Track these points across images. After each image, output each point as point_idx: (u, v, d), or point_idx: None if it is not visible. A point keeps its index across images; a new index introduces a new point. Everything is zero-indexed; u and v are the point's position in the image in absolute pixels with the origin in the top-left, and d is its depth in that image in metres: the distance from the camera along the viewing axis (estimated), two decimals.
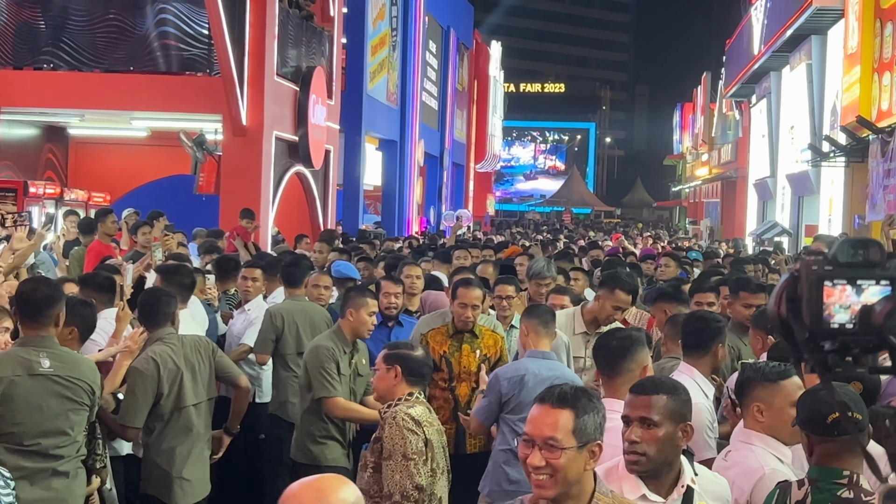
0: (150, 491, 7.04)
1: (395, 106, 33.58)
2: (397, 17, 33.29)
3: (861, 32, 25.98)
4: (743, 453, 5.01)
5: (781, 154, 37.28)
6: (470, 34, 51.59)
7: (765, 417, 4.90)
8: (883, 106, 23.83)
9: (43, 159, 23.40)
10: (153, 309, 7.17)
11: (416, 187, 36.87)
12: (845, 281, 1.52)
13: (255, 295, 9.97)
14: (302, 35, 22.96)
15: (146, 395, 6.81)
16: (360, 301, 7.92)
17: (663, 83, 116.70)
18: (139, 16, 19.98)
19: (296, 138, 22.13)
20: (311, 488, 3.33)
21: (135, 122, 22.40)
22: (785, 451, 4.94)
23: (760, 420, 4.93)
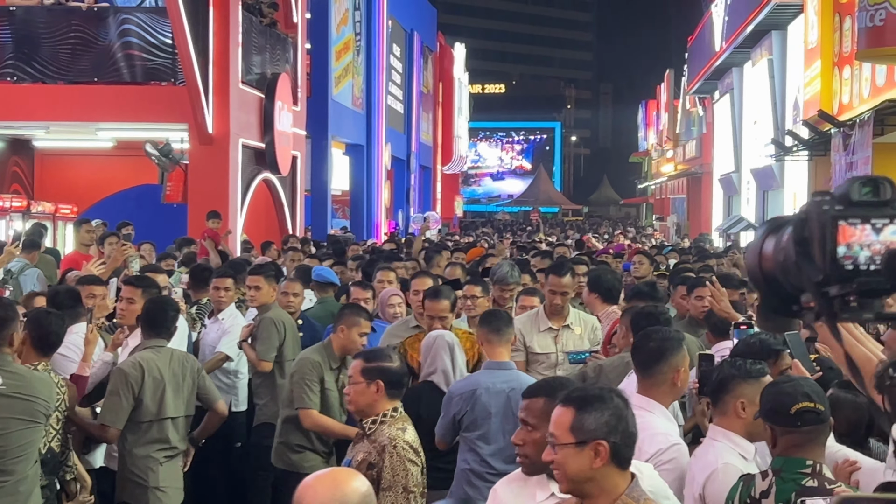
0: (126, 499, 7.09)
1: (360, 110, 33.63)
2: (360, 22, 33.34)
3: (820, 27, 26.15)
4: (704, 448, 5.10)
5: (745, 149, 37.44)
6: (433, 37, 51.65)
7: (747, 413, 4.90)
8: (844, 100, 24.01)
9: (8, 172, 23.29)
10: (158, 318, 7.25)
11: (384, 191, 36.91)
12: (860, 220, 1.49)
13: (227, 304, 9.91)
14: (266, 42, 23.00)
15: (128, 397, 6.86)
16: (353, 320, 7.90)
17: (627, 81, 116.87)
18: (102, 27, 19.96)
19: (262, 145, 22.18)
20: (326, 479, 3.43)
21: (100, 132, 22.34)
22: (748, 447, 4.99)
23: (742, 415, 4.93)
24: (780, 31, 32.06)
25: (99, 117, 20.47)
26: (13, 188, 22.92)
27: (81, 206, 22.50)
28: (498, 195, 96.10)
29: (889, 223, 1.43)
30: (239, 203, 20.71)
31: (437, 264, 13.57)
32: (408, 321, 9.01)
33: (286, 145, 23.38)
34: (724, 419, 5.06)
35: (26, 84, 19.66)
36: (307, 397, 7.66)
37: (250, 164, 21.69)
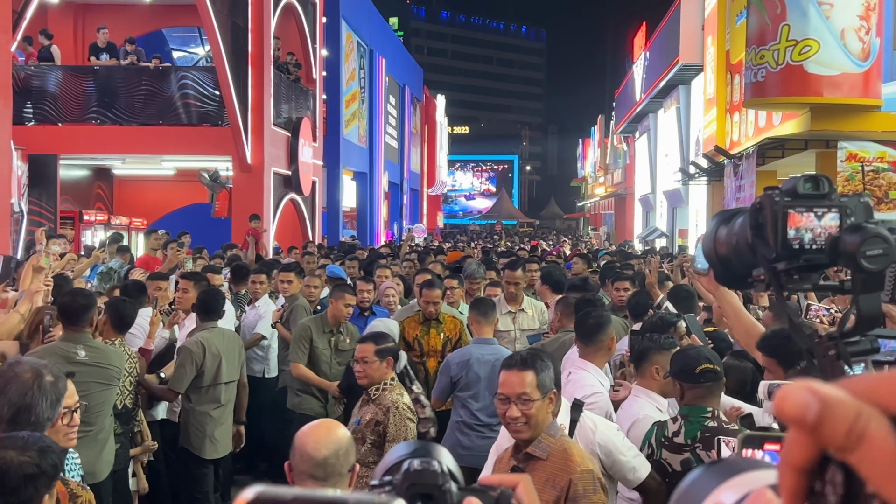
0: (186, 445, 7.11)
1: (364, 146, 33.60)
2: (365, 78, 33.33)
3: (716, 82, 26.25)
4: (629, 403, 5.20)
5: (659, 176, 37.52)
6: (421, 90, 51.64)
7: (660, 376, 5.04)
8: (734, 137, 24.09)
9: (93, 193, 23.28)
10: (210, 305, 7.32)
11: (383, 208, 36.90)
12: (805, 209, 1.50)
13: (262, 294, 10.02)
14: (291, 93, 22.98)
15: (191, 369, 6.97)
16: (339, 295, 8.23)
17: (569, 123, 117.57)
18: (166, 81, 19.98)
19: (289, 173, 22.17)
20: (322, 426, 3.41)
21: (164, 163, 22.37)
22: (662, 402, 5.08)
23: (657, 378, 5.07)
24: (685, 85, 32.14)
25: (163, 151, 20.46)
26: (97, 206, 22.94)
27: (150, 219, 22.47)
28: (470, 211, 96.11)
29: (828, 211, 1.44)
30: (271, 217, 20.67)
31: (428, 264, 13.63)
32: (412, 306, 9.07)
33: (307, 172, 23.37)
34: (644, 381, 5.18)
35: (107, 126, 19.68)
36: (297, 354, 7.96)
37: (280, 187, 21.67)
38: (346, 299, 8.17)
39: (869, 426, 0.48)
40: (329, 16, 27.27)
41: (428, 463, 1.12)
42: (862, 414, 0.49)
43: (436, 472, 1.11)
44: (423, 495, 1.09)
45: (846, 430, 0.49)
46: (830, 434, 0.49)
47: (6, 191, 11.96)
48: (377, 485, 1.13)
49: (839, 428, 0.49)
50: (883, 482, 0.48)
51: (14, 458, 2.96)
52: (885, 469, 0.47)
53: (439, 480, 1.10)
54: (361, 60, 32.81)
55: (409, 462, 1.13)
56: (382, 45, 36.73)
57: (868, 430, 0.48)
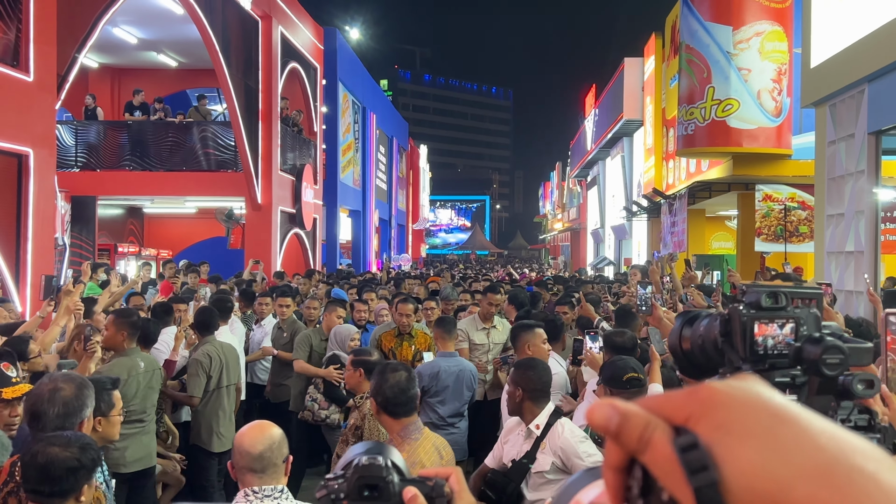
0: (197, 441, 7.06)
1: (358, 188, 33.58)
2: (359, 131, 33.36)
3: (654, 134, 26.46)
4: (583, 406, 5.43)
5: (607, 213, 37.73)
6: (406, 140, 51.69)
7: (531, 351, 5.73)
8: (669, 181, 24.26)
9: (127, 229, 23.17)
10: (206, 322, 7.25)
11: (374, 240, 36.79)
12: (768, 320, 1.52)
13: (267, 314, 9.92)
14: (296, 143, 22.98)
15: (203, 376, 6.97)
16: (332, 308, 8.59)
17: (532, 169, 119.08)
18: (189, 134, 19.96)
19: (294, 211, 22.11)
20: (255, 427, 3.35)
21: (187, 203, 22.29)
22: None
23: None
24: (628, 137, 32.38)
25: (186, 193, 20.40)
26: (130, 239, 22.83)
27: (174, 251, 22.37)
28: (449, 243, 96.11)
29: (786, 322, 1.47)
30: (278, 248, 20.62)
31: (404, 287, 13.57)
32: (390, 323, 8.98)
33: (309, 211, 23.32)
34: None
35: (138, 171, 19.62)
36: (299, 354, 8.18)
37: (286, 223, 21.61)
38: (337, 311, 8.49)
39: (654, 434, 0.54)
40: (328, 78, 27.33)
41: (374, 458, 1.16)
42: (650, 424, 0.55)
43: (381, 465, 1.14)
44: (370, 486, 1.13)
45: (637, 436, 0.55)
46: (627, 440, 0.55)
47: (51, 226, 11.87)
48: (331, 478, 1.17)
49: (633, 435, 0.55)
50: (663, 477, 0.54)
51: (58, 454, 3.05)
52: (664, 467, 0.53)
53: (384, 473, 1.14)
54: (356, 116, 32.85)
55: (358, 458, 1.16)
56: (374, 103, 36.81)
57: (654, 437, 0.54)
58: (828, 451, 0.50)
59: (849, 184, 10.84)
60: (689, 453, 0.52)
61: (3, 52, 10.68)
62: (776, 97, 15.97)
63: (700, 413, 0.54)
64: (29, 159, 10.95)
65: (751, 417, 0.53)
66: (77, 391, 3.78)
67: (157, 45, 21.24)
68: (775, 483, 0.49)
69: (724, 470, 0.51)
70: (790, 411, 0.53)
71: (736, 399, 0.54)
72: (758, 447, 0.51)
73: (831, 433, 0.52)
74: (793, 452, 0.50)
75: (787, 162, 16.42)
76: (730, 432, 0.52)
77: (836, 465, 0.49)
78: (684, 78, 17.16)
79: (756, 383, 0.56)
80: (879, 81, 10.07)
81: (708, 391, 0.55)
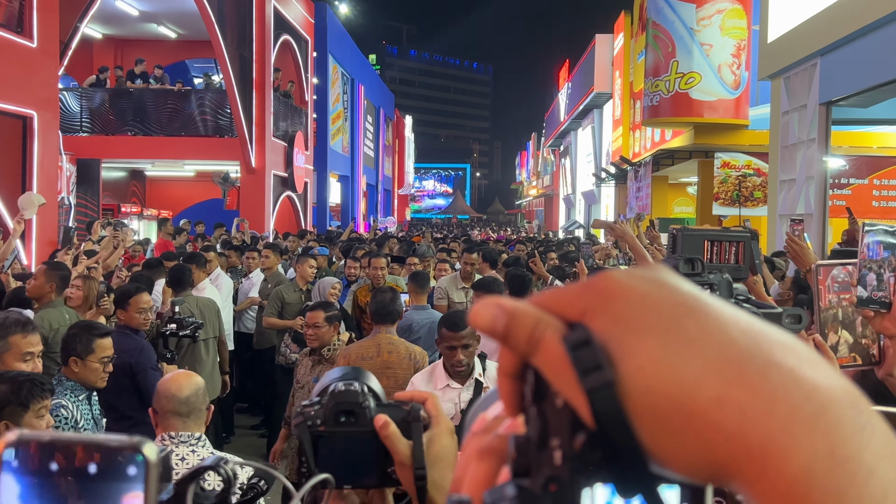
0: None
1: (347, 154, 33.34)
2: (348, 101, 33.05)
3: (622, 107, 26.35)
4: None
5: (578, 180, 37.72)
6: (392, 111, 51.32)
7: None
8: (635, 150, 24.20)
9: (129, 190, 22.92)
10: (179, 278, 6.90)
11: (362, 204, 36.61)
12: None
13: (254, 268, 9.64)
14: (288, 111, 22.74)
15: None
16: (304, 259, 8.49)
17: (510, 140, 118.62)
18: (187, 101, 19.72)
19: (286, 175, 21.94)
20: (180, 374, 3.26)
21: (186, 166, 22.04)
22: None
23: None
24: (598, 109, 32.27)
25: (185, 157, 20.15)
26: (132, 200, 22.58)
27: (175, 211, 22.14)
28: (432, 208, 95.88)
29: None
30: (271, 210, 20.47)
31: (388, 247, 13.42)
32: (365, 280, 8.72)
33: (301, 175, 23.13)
34: None
35: (140, 136, 19.36)
36: (269, 311, 8.03)
37: (278, 186, 21.44)
38: (309, 262, 8.35)
39: (546, 333, 0.42)
40: (318, 51, 26.99)
41: (350, 384, 1.09)
42: (540, 322, 0.43)
43: (356, 391, 1.08)
44: (346, 411, 1.08)
45: (527, 336, 0.43)
46: (515, 342, 0.43)
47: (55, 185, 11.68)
48: (308, 404, 1.10)
49: (522, 335, 0.43)
50: (554, 380, 0.42)
51: None
52: (555, 369, 0.42)
53: (359, 399, 1.08)
54: (345, 87, 32.51)
55: (335, 384, 1.10)
56: (362, 75, 36.45)
57: (545, 336, 0.42)
58: (740, 344, 0.40)
59: (800, 151, 10.80)
60: (581, 351, 0.41)
61: (8, 19, 10.43)
62: (735, 71, 15.89)
63: (596, 307, 0.42)
64: (33, 121, 10.74)
65: (653, 309, 0.42)
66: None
67: (157, 17, 20.86)
68: (679, 382, 0.40)
69: (621, 369, 0.41)
70: (698, 300, 0.42)
71: (637, 289, 0.42)
72: (660, 342, 0.41)
73: (746, 325, 0.41)
74: (700, 347, 0.40)
75: (745, 132, 16.38)
76: (629, 326, 0.41)
77: (749, 360, 0.40)
78: (650, 52, 17.03)
79: (663, 270, 0.44)
80: (831, 55, 10.00)
81: (605, 281, 0.43)
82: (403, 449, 1.07)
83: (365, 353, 5.05)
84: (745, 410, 0.38)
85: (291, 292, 8.14)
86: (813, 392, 0.39)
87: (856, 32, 9.18)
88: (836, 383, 0.40)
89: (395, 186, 53.46)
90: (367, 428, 1.07)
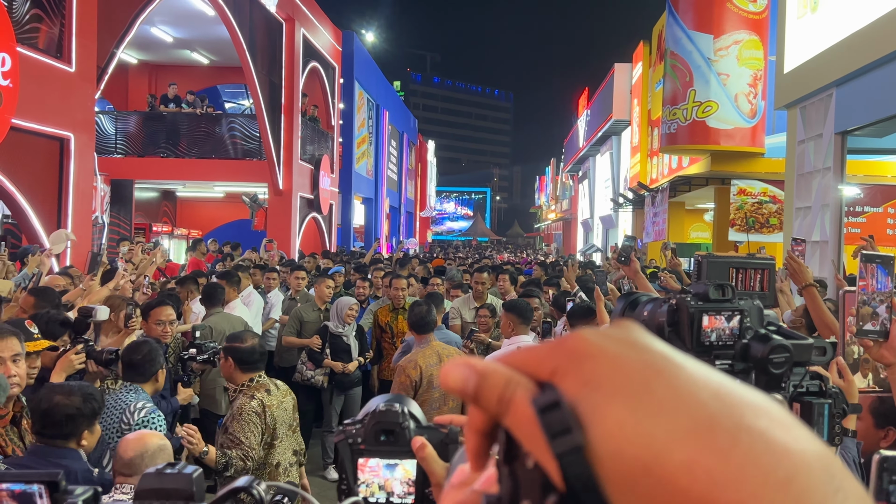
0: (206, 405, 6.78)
1: (371, 178, 33.50)
2: (372, 126, 33.24)
3: (640, 133, 26.31)
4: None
5: (596, 205, 37.62)
6: (415, 136, 51.55)
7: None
8: (653, 176, 24.12)
9: (161, 210, 23.11)
10: (211, 295, 7.06)
11: (385, 225, 36.72)
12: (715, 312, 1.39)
13: (273, 287, 9.63)
14: (315, 136, 22.89)
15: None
16: (321, 280, 8.43)
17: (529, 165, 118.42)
18: (218, 125, 19.88)
19: (312, 197, 22.05)
20: (134, 435, 3.19)
21: (216, 187, 22.23)
22: None
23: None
24: (617, 136, 32.23)
25: (215, 178, 20.30)
26: (163, 219, 22.75)
27: (204, 231, 22.30)
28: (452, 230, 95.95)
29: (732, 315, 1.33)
30: (297, 230, 20.56)
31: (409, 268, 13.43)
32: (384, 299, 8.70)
33: (326, 197, 23.25)
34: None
35: (172, 158, 19.53)
36: (288, 330, 8.06)
37: (305, 207, 21.55)
38: (326, 282, 8.34)
39: (516, 393, 0.41)
40: (345, 77, 27.21)
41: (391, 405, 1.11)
42: (511, 382, 0.42)
43: (397, 412, 1.10)
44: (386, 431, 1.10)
45: (497, 397, 0.42)
46: (486, 402, 0.42)
47: (90, 204, 11.81)
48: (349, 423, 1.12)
49: (492, 396, 0.42)
50: (524, 441, 0.41)
51: (60, 401, 3.06)
52: (525, 430, 0.40)
53: (399, 419, 1.10)
54: (370, 112, 32.71)
55: (376, 405, 1.11)
56: (386, 101, 36.67)
57: (514, 396, 0.41)
58: (710, 407, 0.38)
59: (816, 179, 10.72)
60: (550, 414, 0.40)
61: (48, 45, 10.59)
62: (752, 100, 15.83)
63: (566, 367, 0.41)
64: (70, 143, 10.87)
65: (623, 370, 0.40)
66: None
67: (190, 44, 21.12)
68: (648, 446, 0.38)
69: (591, 432, 0.39)
70: (669, 361, 0.41)
71: (606, 349, 0.41)
72: (629, 405, 0.39)
73: (717, 386, 0.40)
74: (670, 410, 0.38)
75: (760, 159, 16.29)
76: (598, 388, 0.40)
77: (719, 424, 0.38)
78: (668, 81, 17.01)
79: (634, 329, 0.43)
80: (847, 86, 9.94)
81: (575, 341, 0.42)
82: (440, 471, 1.07)
83: (429, 360, 5.25)
84: (714, 476, 0.37)
85: (310, 311, 8.15)
86: (784, 456, 0.37)
87: (871, 64, 9.14)
88: (809, 447, 0.38)
89: (416, 209, 53.59)
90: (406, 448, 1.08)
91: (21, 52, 9.41)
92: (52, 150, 10.72)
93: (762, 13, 15.95)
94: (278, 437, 4.47)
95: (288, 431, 4.56)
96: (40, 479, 0.84)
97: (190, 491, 0.94)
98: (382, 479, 1.10)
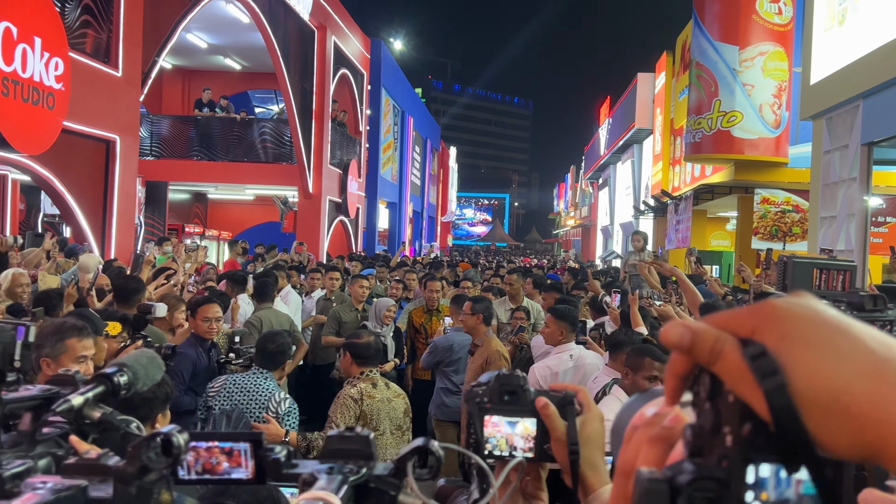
0: None
1: (396, 183, 33.65)
2: (398, 132, 33.41)
3: (663, 142, 26.28)
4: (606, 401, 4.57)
5: (617, 212, 37.53)
6: (438, 142, 51.67)
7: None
8: (675, 184, 24.10)
9: (193, 212, 23.37)
10: (262, 291, 7.27)
11: (408, 229, 36.87)
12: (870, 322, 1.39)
13: (317, 287, 9.93)
14: (343, 141, 23.07)
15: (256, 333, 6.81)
16: (356, 281, 8.59)
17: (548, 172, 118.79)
18: (249, 129, 20.08)
19: (340, 200, 22.22)
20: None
21: (247, 190, 22.43)
22: None
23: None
24: (638, 144, 32.15)
25: (246, 181, 20.51)
26: (195, 221, 23.01)
27: (234, 232, 22.56)
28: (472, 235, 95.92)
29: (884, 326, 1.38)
30: (325, 233, 20.73)
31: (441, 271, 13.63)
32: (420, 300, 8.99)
33: (353, 201, 23.44)
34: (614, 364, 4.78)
35: (204, 161, 19.75)
36: (327, 330, 8.26)
37: (333, 211, 21.73)
38: (360, 283, 8.52)
39: (725, 346, 0.55)
40: (373, 84, 27.40)
41: (514, 370, 1.21)
42: (719, 338, 0.56)
43: (518, 376, 1.20)
44: (509, 391, 1.19)
45: (709, 350, 0.56)
46: (699, 353, 0.56)
47: (133, 205, 12.04)
48: (475, 384, 1.22)
49: (704, 349, 0.56)
50: (733, 383, 0.54)
51: None
52: (734, 374, 0.54)
53: (521, 382, 1.20)
54: (396, 119, 32.89)
55: (500, 370, 1.22)
56: (411, 108, 36.83)
57: (724, 349, 0.55)
58: (879, 353, 0.52)
59: (841, 190, 10.76)
60: (759, 361, 0.53)
61: (97, 50, 10.83)
62: (776, 111, 15.85)
63: (764, 326, 0.55)
64: (116, 145, 11.11)
65: (810, 328, 0.54)
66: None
67: (224, 50, 21.38)
68: (836, 383, 0.51)
69: (791, 374, 0.52)
70: (844, 322, 0.54)
71: (795, 312, 0.55)
72: (819, 353, 0.52)
73: (881, 340, 0.54)
74: (849, 357, 0.52)
75: (784, 169, 16.29)
76: (793, 341, 0.53)
77: (887, 366, 0.52)
78: (693, 91, 17.04)
79: (810, 298, 0.57)
80: (873, 98, 9.98)
81: (770, 307, 0.56)
82: (560, 427, 1.18)
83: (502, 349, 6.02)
84: (888, 403, 0.50)
85: (347, 312, 8.37)
86: None
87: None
88: None
89: (438, 213, 53.71)
90: (526, 407, 1.19)
91: (71, 57, 9.65)
92: (98, 151, 10.95)
93: (787, 25, 15.97)
94: (380, 430, 4.51)
95: (393, 429, 4.63)
96: (247, 438, 0.97)
97: (369, 451, 1.05)
98: (505, 435, 1.19)
